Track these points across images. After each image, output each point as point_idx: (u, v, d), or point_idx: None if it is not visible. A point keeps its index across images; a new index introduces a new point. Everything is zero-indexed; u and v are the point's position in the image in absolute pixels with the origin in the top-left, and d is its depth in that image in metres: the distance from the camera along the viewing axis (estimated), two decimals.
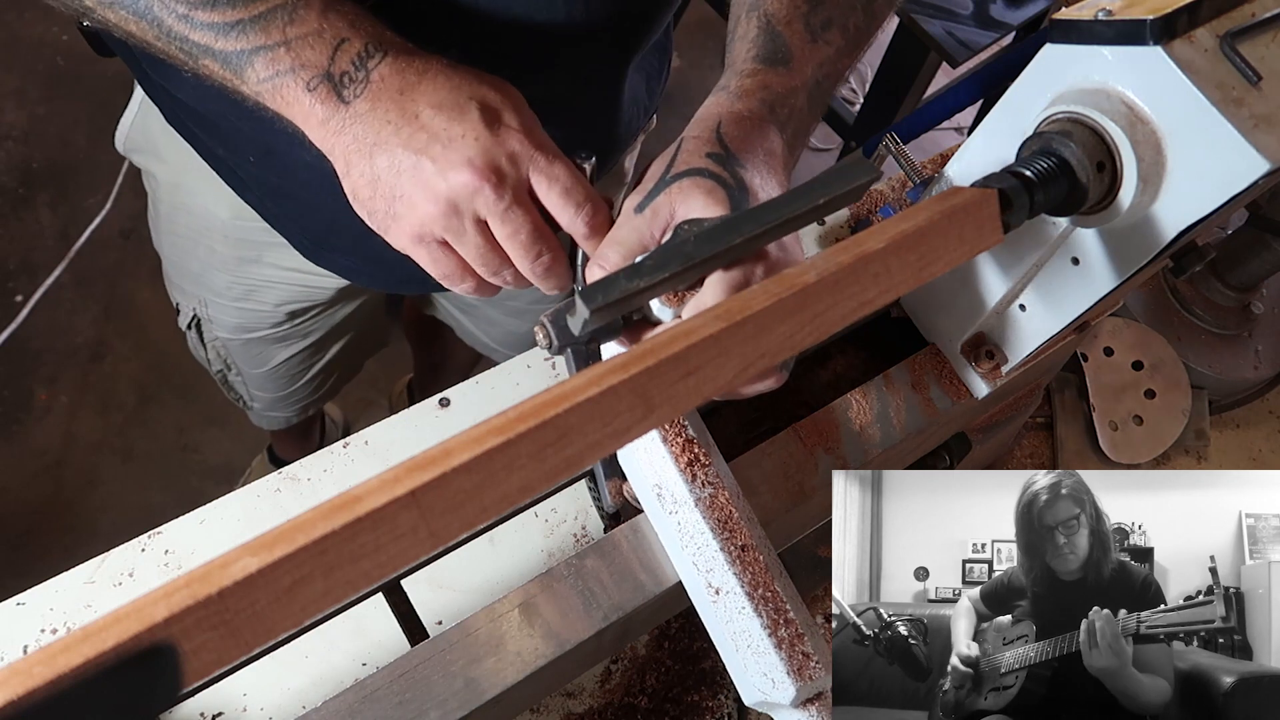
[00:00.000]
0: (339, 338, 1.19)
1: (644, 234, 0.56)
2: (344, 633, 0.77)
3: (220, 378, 1.24)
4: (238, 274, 1.00)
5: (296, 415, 1.34)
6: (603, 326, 0.53)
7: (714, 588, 0.54)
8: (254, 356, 1.16)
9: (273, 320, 1.07)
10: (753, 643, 0.53)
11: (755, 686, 0.53)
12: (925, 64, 1.87)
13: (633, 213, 0.57)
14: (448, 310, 1.24)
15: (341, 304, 1.09)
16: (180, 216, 0.99)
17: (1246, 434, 1.07)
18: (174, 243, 1.03)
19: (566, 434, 0.30)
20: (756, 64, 0.64)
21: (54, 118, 2.26)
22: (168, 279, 1.13)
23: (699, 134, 0.59)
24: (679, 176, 0.57)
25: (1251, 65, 0.44)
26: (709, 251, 0.47)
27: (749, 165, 0.58)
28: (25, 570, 1.75)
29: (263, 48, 0.54)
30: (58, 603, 0.75)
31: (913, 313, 0.70)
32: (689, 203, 0.56)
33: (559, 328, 0.52)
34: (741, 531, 0.55)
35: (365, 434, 0.86)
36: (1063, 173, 0.47)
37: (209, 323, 1.12)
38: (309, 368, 1.21)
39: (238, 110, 0.62)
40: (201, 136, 0.87)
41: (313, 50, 0.54)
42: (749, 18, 0.66)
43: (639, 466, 0.58)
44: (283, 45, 0.54)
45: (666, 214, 0.56)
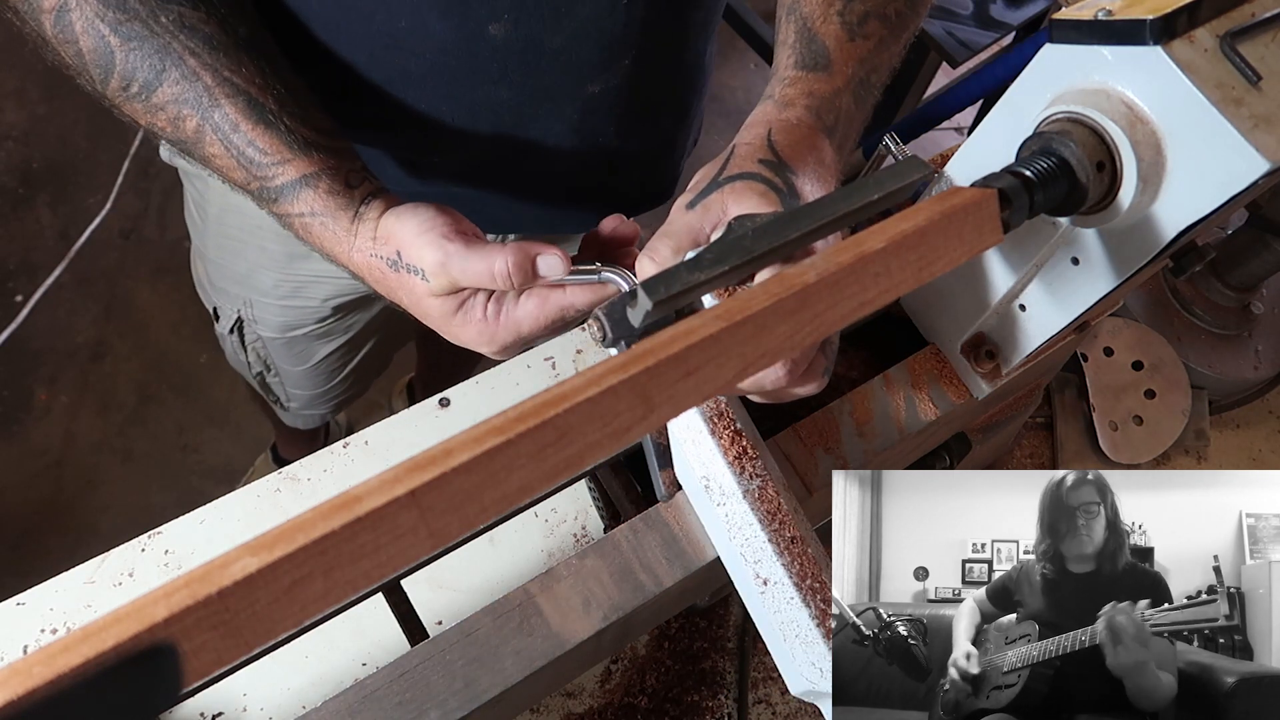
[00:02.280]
0: (373, 334, 1.23)
1: (695, 229, 0.56)
2: (344, 633, 0.77)
3: (259, 380, 1.27)
4: (287, 271, 1.03)
5: (330, 412, 1.38)
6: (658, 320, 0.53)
7: (762, 578, 0.55)
8: (296, 354, 1.19)
9: (318, 315, 1.10)
10: (801, 633, 0.54)
11: (803, 676, 0.53)
12: (925, 64, 1.87)
13: (684, 209, 0.57)
14: None
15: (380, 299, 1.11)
16: (231, 217, 1.01)
17: (1246, 434, 1.07)
18: (222, 244, 1.05)
19: (566, 434, 0.30)
20: (798, 70, 0.64)
21: (54, 118, 2.26)
22: (206, 284, 1.16)
23: (751, 140, 0.59)
24: (732, 179, 0.57)
25: (1251, 65, 0.44)
26: (766, 246, 0.47)
27: (800, 173, 0.58)
28: (25, 570, 1.76)
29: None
30: (58, 603, 0.75)
31: (913, 313, 0.70)
32: (742, 202, 0.56)
33: (614, 320, 0.52)
34: (791, 523, 0.55)
35: (365, 434, 0.86)
36: (1063, 173, 0.47)
37: (252, 323, 1.14)
38: (346, 364, 1.26)
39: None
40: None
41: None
42: (788, 21, 0.67)
43: (687, 459, 0.58)
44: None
45: (718, 211, 0.56)
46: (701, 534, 0.61)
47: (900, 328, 0.70)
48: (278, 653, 0.60)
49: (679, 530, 0.61)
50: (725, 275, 0.47)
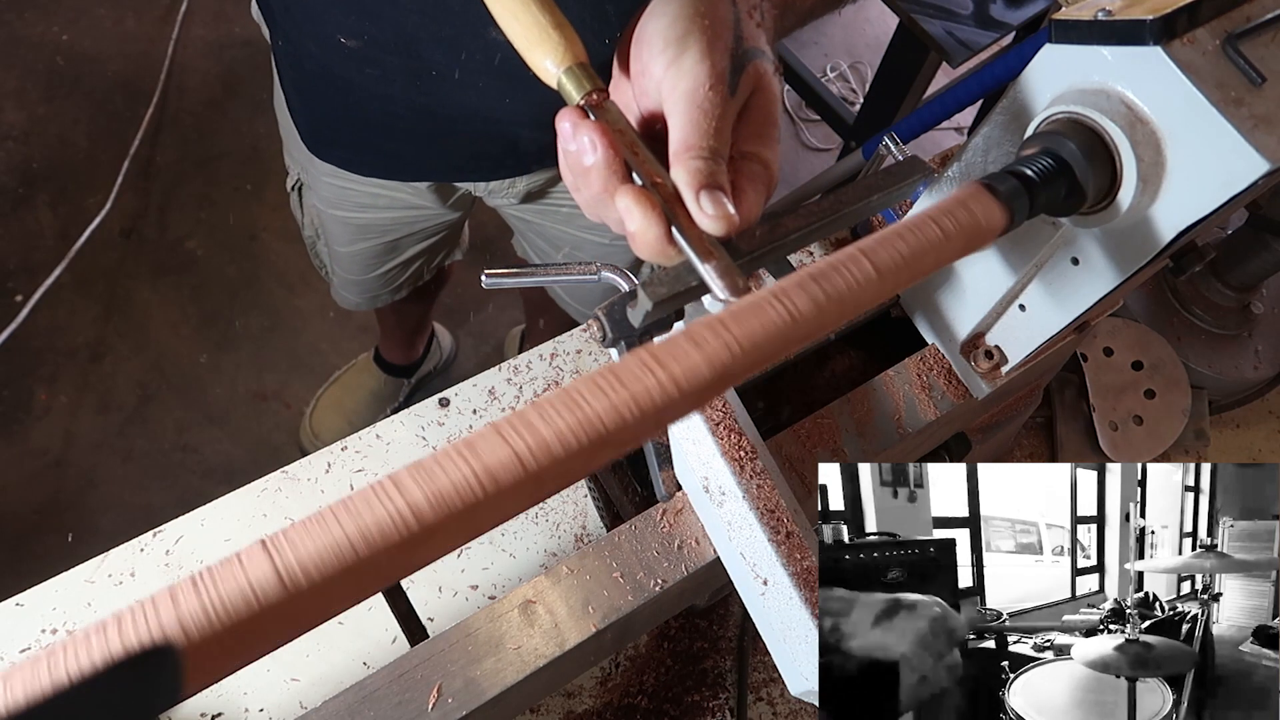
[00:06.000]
0: (415, 243, 1.28)
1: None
2: (344, 633, 0.77)
3: (310, 244, 1.35)
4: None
5: (366, 303, 1.44)
6: (658, 320, 0.53)
7: (762, 578, 0.55)
8: (339, 234, 1.25)
9: (358, 202, 1.15)
10: (801, 633, 0.54)
11: (803, 676, 0.53)
12: (925, 64, 1.87)
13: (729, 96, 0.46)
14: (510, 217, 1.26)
15: (416, 208, 1.18)
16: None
17: (1246, 434, 1.07)
18: (284, 108, 1.08)
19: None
20: None
21: (54, 118, 2.26)
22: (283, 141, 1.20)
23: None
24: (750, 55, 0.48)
25: (1255, 66, 0.44)
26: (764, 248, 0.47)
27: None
28: (25, 570, 1.75)
29: None
30: (58, 603, 0.75)
31: (913, 313, 0.70)
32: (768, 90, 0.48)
33: (614, 320, 0.52)
34: (789, 522, 0.55)
35: (371, 430, 0.86)
36: (1062, 173, 0.47)
37: (309, 189, 1.20)
38: (384, 263, 1.31)
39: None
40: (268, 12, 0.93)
41: None
42: None
43: (687, 459, 0.58)
44: None
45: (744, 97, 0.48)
46: (701, 534, 0.61)
47: (900, 328, 0.70)
48: (278, 653, 0.60)
49: (679, 530, 0.61)
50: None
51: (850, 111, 2.19)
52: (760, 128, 0.47)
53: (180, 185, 2.23)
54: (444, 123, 0.90)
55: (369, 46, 0.82)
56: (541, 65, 0.48)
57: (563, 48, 0.47)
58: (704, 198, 0.43)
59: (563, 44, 0.47)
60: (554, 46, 0.47)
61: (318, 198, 1.19)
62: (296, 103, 1.00)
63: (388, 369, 1.94)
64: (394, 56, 0.82)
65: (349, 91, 0.89)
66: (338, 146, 1.01)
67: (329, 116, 0.97)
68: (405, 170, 1.03)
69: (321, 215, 1.24)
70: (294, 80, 0.97)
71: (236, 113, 2.33)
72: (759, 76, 0.48)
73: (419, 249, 1.31)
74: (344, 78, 0.87)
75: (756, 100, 0.48)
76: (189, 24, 2.43)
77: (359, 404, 1.95)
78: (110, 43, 2.38)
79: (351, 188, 1.12)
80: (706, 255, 0.43)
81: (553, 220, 1.17)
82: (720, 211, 0.43)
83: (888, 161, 0.85)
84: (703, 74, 0.45)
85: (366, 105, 0.90)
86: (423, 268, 1.40)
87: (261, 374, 2.03)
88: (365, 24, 0.80)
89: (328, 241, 1.30)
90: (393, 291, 1.42)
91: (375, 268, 1.33)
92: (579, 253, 1.19)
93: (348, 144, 1.00)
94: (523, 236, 1.28)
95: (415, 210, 1.18)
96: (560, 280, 0.60)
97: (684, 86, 0.45)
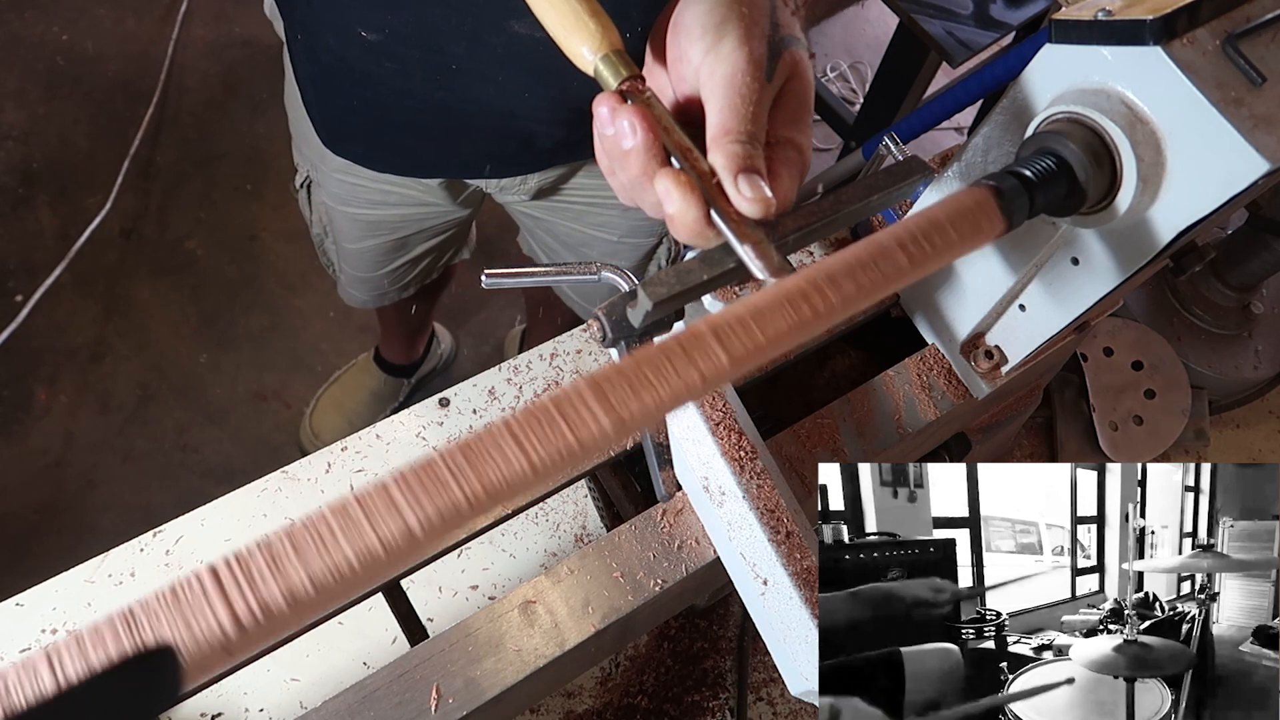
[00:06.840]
0: (424, 240, 1.28)
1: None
2: (344, 633, 0.77)
3: (318, 242, 1.36)
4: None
5: (373, 301, 1.44)
6: (658, 321, 0.53)
7: (762, 578, 0.55)
8: (347, 230, 1.24)
9: (368, 198, 1.14)
10: (801, 633, 0.54)
11: (802, 676, 0.53)
12: (925, 64, 1.87)
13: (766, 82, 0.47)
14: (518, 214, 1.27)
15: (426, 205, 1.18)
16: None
17: (1246, 434, 1.07)
18: (295, 104, 1.08)
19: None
20: None
21: (54, 118, 2.26)
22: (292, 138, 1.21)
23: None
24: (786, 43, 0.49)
25: (1255, 66, 0.44)
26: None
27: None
28: (25, 570, 1.75)
29: None
30: (58, 603, 0.75)
31: (913, 313, 0.70)
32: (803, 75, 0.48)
33: (614, 320, 0.52)
34: (789, 522, 0.55)
35: (371, 430, 0.86)
36: (1062, 173, 0.47)
37: (318, 187, 1.20)
38: (392, 260, 1.31)
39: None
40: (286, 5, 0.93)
41: None
42: None
43: (687, 459, 0.58)
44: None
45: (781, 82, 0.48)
46: (701, 534, 0.61)
47: (900, 328, 0.70)
48: (278, 653, 0.60)
49: (679, 530, 0.61)
50: (726, 275, 0.47)
51: (850, 111, 2.19)
52: (795, 114, 0.48)
53: (180, 185, 2.23)
54: (461, 117, 0.90)
55: (389, 39, 0.82)
56: (578, 52, 0.49)
57: (599, 35, 0.48)
58: (742, 181, 0.44)
59: (599, 31, 0.48)
60: (590, 34, 0.48)
61: (327, 194, 1.19)
62: (312, 97, 1.00)
63: (388, 369, 1.94)
64: (414, 50, 0.82)
65: (366, 85, 0.89)
66: (353, 141, 1.02)
67: (345, 111, 0.97)
68: (420, 166, 1.03)
69: (330, 212, 1.24)
70: (310, 74, 0.97)
71: (236, 113, 2.33)
72: (795, 63, 0.49)
73: (427, 246, 1.31)
74: (362, 71, 0.88)
75: (791, 86, 0.48)
76: (189, 24, 2.43)
77: (359, 404, 1.95)
78: (110, 43, 2.38)
79: (362, 184, 1.12)
80: (744, 237, 0.44)
81: (562, 217, 1.17)
82: (758, 194, 0.44)
83: (888, 161, 0.85)
84: (741, 60, 0.45)
85: (383, 99, 0.90)
86: (430, 266, 1.40)
87: (261, 374, 2.03)
88: (387, 16, 0.80)
89: (336, 239, 1.30)
90: (400, 289, 1.42)
91: (384, 265, 1.33)
92: (586, 250, 1.19)
93: (363, 139, 1.00)
94: (530, 233, 1.28)
95: (425, 207, 1.18)
96: (560, 280, 0.60)
97: (722, 72, 0.46)
